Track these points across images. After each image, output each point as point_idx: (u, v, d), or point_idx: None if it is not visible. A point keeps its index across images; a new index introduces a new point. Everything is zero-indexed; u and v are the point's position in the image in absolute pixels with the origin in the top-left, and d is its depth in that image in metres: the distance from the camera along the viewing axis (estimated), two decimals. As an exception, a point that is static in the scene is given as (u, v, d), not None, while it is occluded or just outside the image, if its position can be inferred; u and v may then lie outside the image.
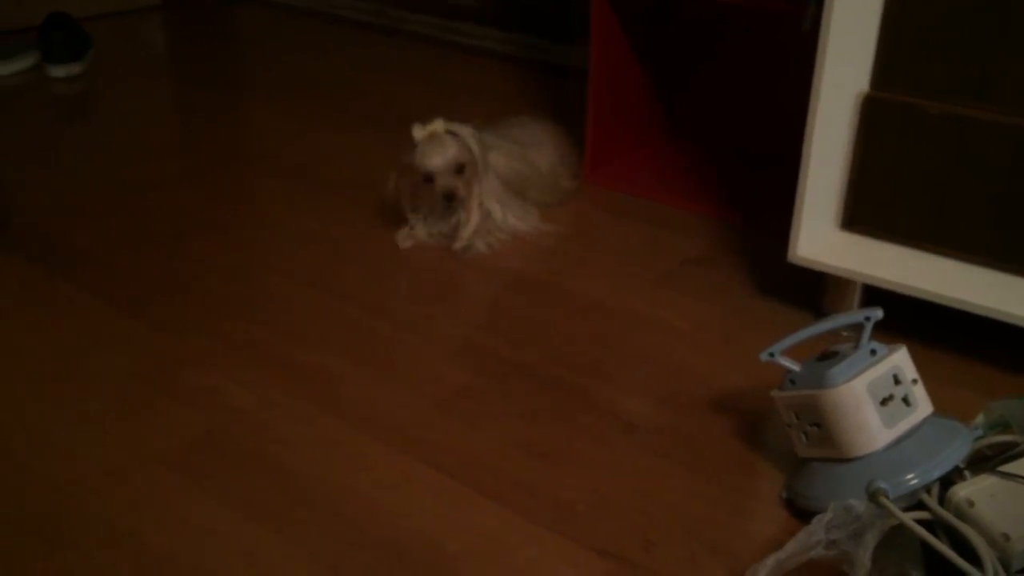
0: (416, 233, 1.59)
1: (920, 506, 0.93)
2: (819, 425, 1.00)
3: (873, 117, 1.26)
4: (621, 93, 1.84)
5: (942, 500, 0.93)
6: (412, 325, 1.38)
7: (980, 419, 1.04)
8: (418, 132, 1.51)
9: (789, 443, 1.07)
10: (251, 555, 0.99)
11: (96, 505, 1.05)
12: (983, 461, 0.98)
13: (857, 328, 1.03)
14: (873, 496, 0.93)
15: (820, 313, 1.36)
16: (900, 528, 0.91)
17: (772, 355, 1.06)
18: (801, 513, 1.01)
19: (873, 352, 1.00)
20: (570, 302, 1.43)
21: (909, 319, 1.19)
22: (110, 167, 1.92)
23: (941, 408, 1.03)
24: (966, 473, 0.95)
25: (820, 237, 1.33)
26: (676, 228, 1.65)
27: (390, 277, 1.51)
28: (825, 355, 1.04)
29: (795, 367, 1.05)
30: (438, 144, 1.51)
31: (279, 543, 1.00)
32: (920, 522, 0.91)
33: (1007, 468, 0.93)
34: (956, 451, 0.96)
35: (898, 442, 0.98)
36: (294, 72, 2.47)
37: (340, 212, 1.72)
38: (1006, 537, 0.86)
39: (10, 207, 1.68)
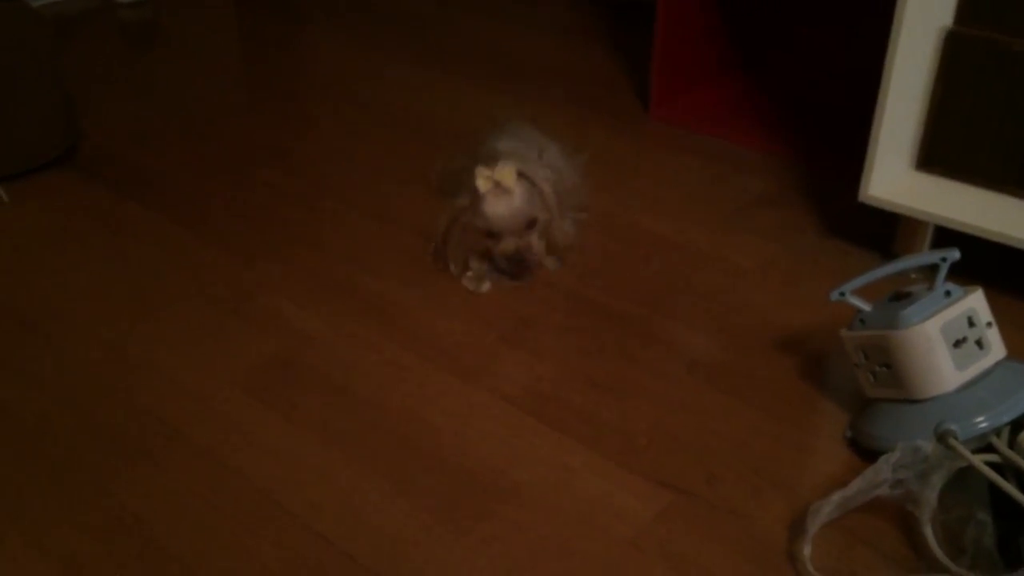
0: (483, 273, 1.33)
1: (989, 449, 0.93)
2: (889, 366, 0.99)
3: (955, 53, 1.22)
4: (688, 28, 1.80)
5: (1012, 443, 0.92)
6: (477, 257, 1.39)
7: (1054, 364, 1.02)
8: (483, 182, 1.22)
9: (854, 383, 1.06)
10: (320, 473, 1.02)
11: (172, 421, 1.09)
12: (1056, 407, 0.96)
13: (932, 269, 1.01)
14: (942, 437, 0.92)
15: (890, 255, 1.34)
16: (968, 470, 0.91)
17: (843, 294, 1.04)
18: (865, 453, 1.01)
19: (948, 294, 0.99)
20: (636, 238, 1.43)
21: (983, 262, 1.17)
22: (178, 94, 1.94)
23: (1015, 353, 1.01)
24: (1038, 418, 0.94)
25: (893, 177, 1.30)
26: (743, 167, 1.62)
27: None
28: (898, 296, 1.03)
29: (866, 307, 1.04)
30: (505, 198, 1.23)
31: (346, 463, 1.03)
32: (989, 464, 0.90)
33: (1081, 414, 0.92)
34: (1028, 396, 0.95)
35: (969, 385, 0.96)
36: (363, 5, 2.45)
37: (406, 144, 1.72)
38: (1078, 482, 0.86)
39: (81, 130, 1.71)
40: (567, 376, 1.15)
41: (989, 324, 0.99)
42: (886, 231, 1.35)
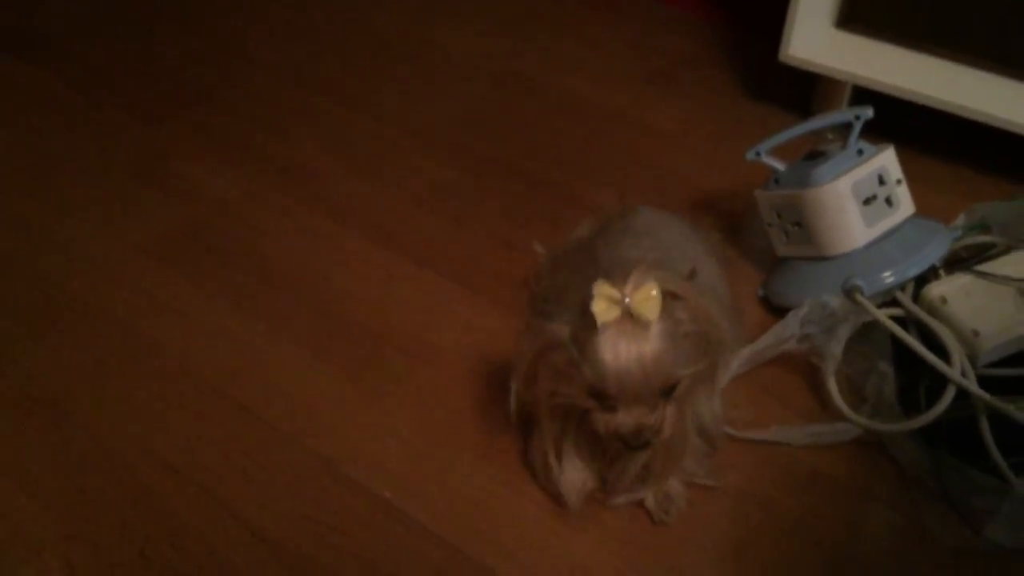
0: (580, 476, 0.84)
1: (895, 303, 0.95)
2: (800, 224, 1.00)
3: (879, -94, 1.20)
4: None
5: (916, 297, 0.95)
6: (393, 120, 1.35)
7: (960, 220, 1.04)
8: (603, 306, 0.70)
9: (769, 243, 1.08)
10: (236, 341, 1.00)
11: (81, 292, 1.06)
12: (960, 262, 0.99)
13: (846, 128, 1.01)
14: (848, 293, 0.94)
15: (809, 116, 1.34)
16: (873, 324, 0.93)
17: (758, 154, 1.04)
18: (776, 310, 1.03)
19: (860, 152, 0.99)
20: (556, 100, 1.40)
21: (901, 122, 1.17)
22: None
23: (925, 211, 1.03)
24: (941, 272, 0.97)
25: (814, 36, 1.29)
26: (667, 26, 1.59)
27: (372, 70, 1.46)
28: (812, 155, 1.03)
29: (780, 166, 1.04)
30: (636, 339, 0.71)
31: (262, 331, 1.02)
32: (893, 319, 0.92)
33: (983, 268, 0.95)
34: (933, 250, 0.97)
35: (877, 241, 0.98)
36: None
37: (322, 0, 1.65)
38: (976, 333, 0.89)
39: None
40: (485, 239, 1.14)
41: (899, 181, 1.00)
42: (807, 92, 1.35)
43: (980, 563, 0.81)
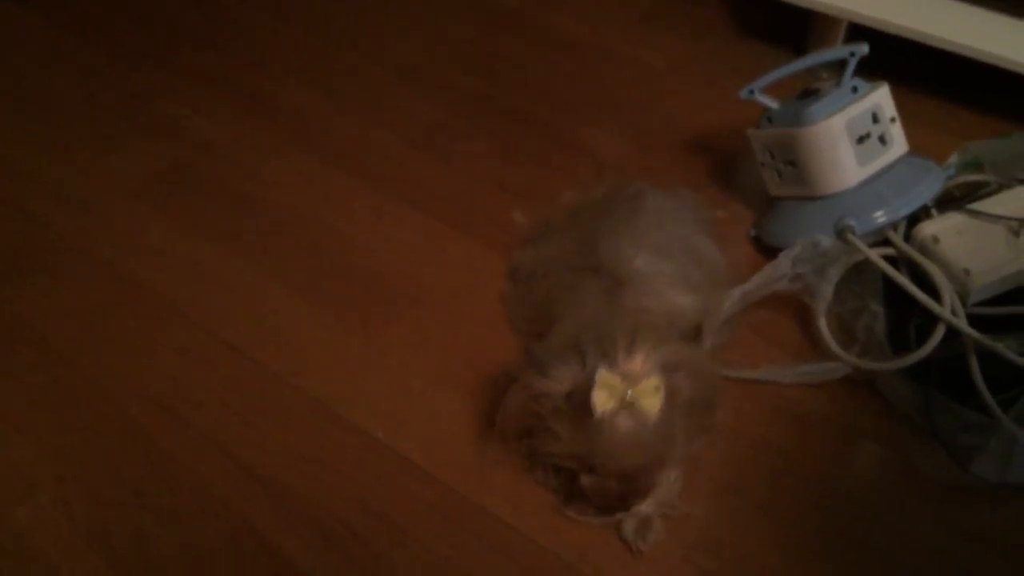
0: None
1: (886, 243, 0.95)
2: (793, 163, 1.00)
3: None
4: None
5: (908, 237, 0.95)
6: (381, 59, 1.33)
7: (954, 159, 1.04)
8: (604, 397, 0.71)
9: (761, 182, 1.07)
10: (225, 282, 1.00)
11: (66, 233, 1.05)
12: (953, 201, 0.99)
13: (840, 65, 1.00)
14: (840, 232, 0.94)
15: (804, 53, 1.32)
16: (864, 263, 0.93)
17: (752, 92, 1.03)
18: (768, 250, 1.03)
19: (855, 90, 0.98)
20: (548, 39, 1.38)
21: (896, 60, 1.16)
22: None
23: (918, 149, 1.02)
24: (934, 211, 0.96)
25: (810, -28, 1.27)
26: (660, -38, 1.56)
27: (359, 7, 1.44)
28: (806, 92, 1.02)
29: (774, 104, 1.03)
30: (633, 426, 0.72)
31: (252, 271, 1.01)
32: (885, 258, 0.92)
33: (975, 207, 0.95)
34: (926, 189, 0.97)
35: (870, 180, 0.97)
36: None
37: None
38: (967, 272, 0.89)
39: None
40: (476, 181, 1.13)
41: (893, 120, 0.99)
42: (802, 29, 1.33)
43: (967, 498, 0.82)
